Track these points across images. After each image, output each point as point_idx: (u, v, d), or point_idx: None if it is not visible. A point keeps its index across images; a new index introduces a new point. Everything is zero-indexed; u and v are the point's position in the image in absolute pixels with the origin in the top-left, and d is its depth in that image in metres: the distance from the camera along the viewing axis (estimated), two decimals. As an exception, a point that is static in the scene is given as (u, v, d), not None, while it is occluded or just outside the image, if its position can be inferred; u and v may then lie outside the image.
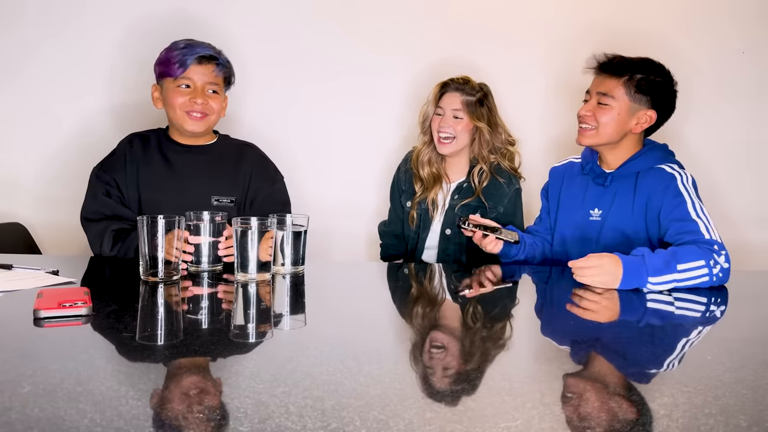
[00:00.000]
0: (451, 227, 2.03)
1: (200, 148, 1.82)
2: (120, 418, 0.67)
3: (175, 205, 1.65)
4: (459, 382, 0.84)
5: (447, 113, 2.00)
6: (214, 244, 1.49)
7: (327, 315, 1.24)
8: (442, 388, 0.81)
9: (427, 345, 1.03)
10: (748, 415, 0.72)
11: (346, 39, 2.42)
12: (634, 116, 1.65)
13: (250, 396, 0.74)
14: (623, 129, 1.67)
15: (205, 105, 1.74)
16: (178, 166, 1.79)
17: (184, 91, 1.74)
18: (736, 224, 2.35)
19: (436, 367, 0.91)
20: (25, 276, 1.36)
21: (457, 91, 2.00)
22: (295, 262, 1.48)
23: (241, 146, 1.90)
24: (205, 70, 1.74)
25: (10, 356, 0.88)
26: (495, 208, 1.99)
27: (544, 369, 0.91)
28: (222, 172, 1.81)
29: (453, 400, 0.76)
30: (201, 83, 1.74)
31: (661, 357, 0.99)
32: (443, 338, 1.08)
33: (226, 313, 1.24)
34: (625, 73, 1.64)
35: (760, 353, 1.01)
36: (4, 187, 2.44)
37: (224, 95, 1.83)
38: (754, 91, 2.35)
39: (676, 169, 1.65)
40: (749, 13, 2.34)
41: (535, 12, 2.39)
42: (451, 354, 0.99)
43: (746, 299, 1.48)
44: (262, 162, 1.87)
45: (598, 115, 1.66)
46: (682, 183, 1.61)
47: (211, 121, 1.78)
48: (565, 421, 0.71)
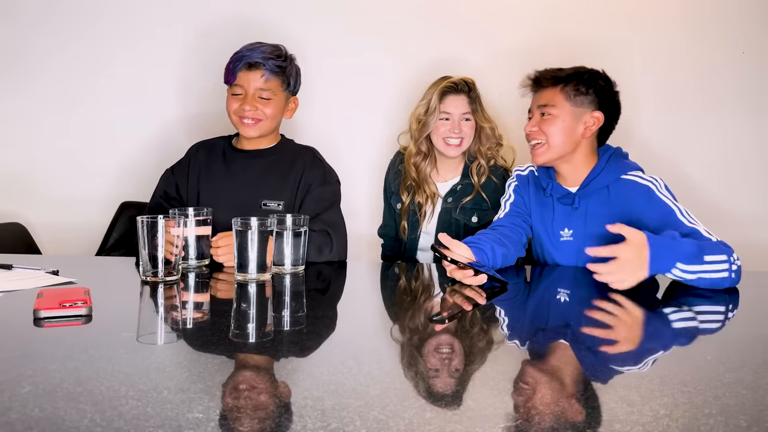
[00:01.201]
0: (447, 231, 2.02)
1: (258, 152, 1.83)
2: (120, 418, 0.67)
3: (230, 210, 1.63)
4: (459, 382, 0.84)
5: (456, 117, 1.97)
6: (198, 239, 1.51)
7: (327, 315, 1.24)
8: (442, 388, 0.81)
9: (427, 345, 1.03)
10: (748, 415, 0.72)
11: (342, 39, 2.43)
12: (581, 121, 1.62)
13: (251, 396, 0.74)
14: (573, 137, 1.63)
15: (255, 111, 1.74)
16: (235, 172, 1.80)
17: (237, 97, 1.75)
18: (740, 224, 2.36)
19: (436, 367, 0.91)
20: (25, 276, 1.36)
21: (461, 93, 1.98)
22: (295, 262, 1.48)
23: (298, 150, 1.88)
24: (253, 77, 1.74)
25: (10, 356, 0.88)
26: (490, 210, 1.99)
27: (544, 369, 0.91)
28: (274, 176, 1.80)
29: (453, 400, 0.76)
30: (251, 89, 1.74)
31: (661, 357, 0.99)
32: (443, 338, 1.08)
33: (226, 313, 1.23)
34: (560, 81, 1.63)
35: (760, 353, 1.01)
36: (5, 187, 2.44)
37: (286, 98, 1.81)
38: (754, 91, 2.36)
39: (646, 178, 1.61)
40: (749, 13, 2.34)
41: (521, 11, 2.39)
42: (451, 354, 0.99)
43: (746, 299, 1.48)
44: (314, 164, 1.85)
45: (544, 128, 1.63)
46: (660, 192, 1.57)
47: (265, 126, 1.77)
48: (565, 421, 0.71)
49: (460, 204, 2.01)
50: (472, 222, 2.01)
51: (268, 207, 1.76)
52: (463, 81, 1.99)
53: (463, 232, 2.01)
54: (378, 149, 2.44)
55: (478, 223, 1.99)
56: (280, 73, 1.76)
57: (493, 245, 1.56)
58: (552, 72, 1.66)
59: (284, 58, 1.78)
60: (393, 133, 2.40)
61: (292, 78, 1.80)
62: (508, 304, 1.36)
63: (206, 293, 1.37)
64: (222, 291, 1.39)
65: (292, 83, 1.81)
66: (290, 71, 1.80)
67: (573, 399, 0.77)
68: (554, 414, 0.72)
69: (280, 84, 1.77)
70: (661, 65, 2.35)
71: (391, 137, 2.40)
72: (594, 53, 1.93)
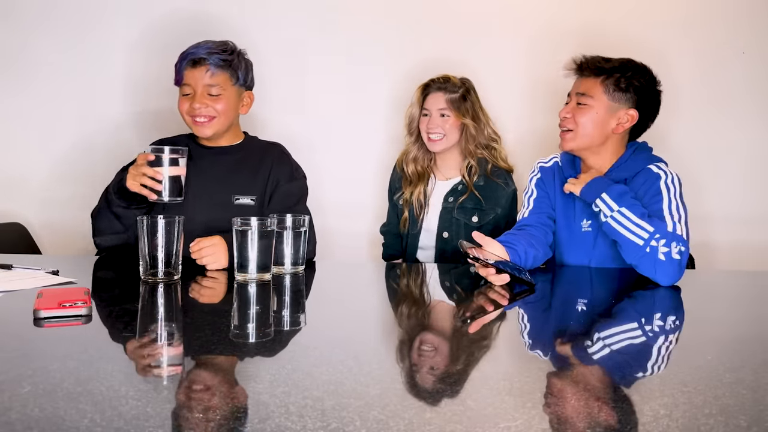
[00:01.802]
0: (448, 230, 2.03)
1: (225, 149, 1.82)
2: (120, 418, 0.67)
3: (200, 205, 1.69)
4: (459, 382, 0.84)
5: (433, 113, 2.02)
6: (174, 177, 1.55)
7: (327, 315, 1.24)
8: (442, 389, 0.81)
9: (427, 345, 1.03)
10: (748, 415, 0.72)
11: (339, 37, 2.43)
12: (615, 116, 1.62)
13: (250, 396, 0.74)
14: (604, 130, 1.63)
15: (206, 108, 1.72)
16: (202, 168, 1.79)
17: (187, 97, 1.73)
18: (737, 223, 2.36)
19: (436, 367, 0.91)
20: (25, 276, 1.36)
21: (439, 90, 2.02)
22: (295, 262, 1.48)
23: (265, 146, 1.88)
24: (199, 74, 1.71)
25: (10, 356, 0.88)
26: (493, 209, 2.00)
27: (544, 369, 0.91)
28: (244, 171, 1.80)
29: (453, 400, 0.76)
30: (199, 87, 1.72)
31: (661, 357, 0.99)
32: (443, 338, 1.08)
33: (226, 313, 1.23)
34: (602, 72, 1.62)
35: (760, 353, 1.01)
36: (6, 187, 2.44)
37: (238, 93, 1.78)
38: (755, 91, 2.35)
39: (662, 168, 1.63)
40: (749, 14, 2.34)
41: (521, 11, 2.39)
42: (452, 354, 0.99)
43: (746, 299, 1.48)
44: (282, 159, 1.85)
45: (577, 116, 1.63)
46: (665, 182, 1.59)
47: (218, 123, 1.75)
48: (565, 421, 0.71)
49: (458, 203, 2.02)
50: (472, 222, 2.01)
51: (240, 202, 1.76)
52: (442, 78, 2.03)
53: (463, 232, 2.01)
54: (380, 148, 2.45)
55: (478, 223, 2.00)
56: (226, 67, 1.73)
57: (526, 248, 1.56)
58: (597, 61, 1.64)
59: (230, 52, 1.75)
60: (395, 132, 2.41)
61: (240, 71, 1.76)
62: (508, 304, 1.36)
63: (206, 293, 1.37)
64: (222, 291, 1.39)
65: (242, 77, 1.77)
66: (237, 64, 1.75)
67: (573, 400, 0.77)
68: (554, 414, 0.72)
69: (229, 78, 1.74)
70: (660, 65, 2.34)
71: (393, 136, 2.41)
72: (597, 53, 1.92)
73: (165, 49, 1.86)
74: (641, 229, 1.48)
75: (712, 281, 1.75)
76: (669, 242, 1.44)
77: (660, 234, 1.46)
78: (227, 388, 0.79)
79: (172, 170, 1.55)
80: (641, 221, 1.49)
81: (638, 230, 1.49)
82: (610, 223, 1.53)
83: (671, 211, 1.54)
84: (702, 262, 2.06)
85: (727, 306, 1.40)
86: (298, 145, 2.40)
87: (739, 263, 2.29)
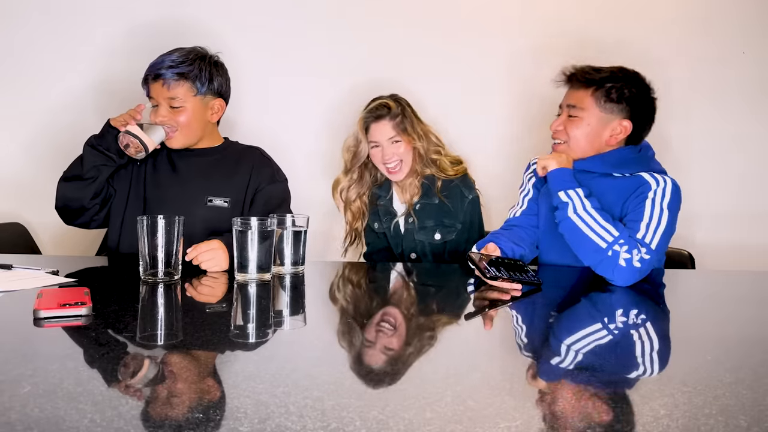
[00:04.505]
0: (414, 251, 2.01)
1: (202, 151, 1.84)
2: (120, 418, 0.67)
3: (175, 205, 1.71)
4: (460, 382, 0.84)
5: (383, 143, 1.96)
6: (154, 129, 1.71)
7: (327, 315, 1.23)
8: (442, 388, 0.81)
9: (427, 345, 1.03)
10: (748, 415, 0.72)
11: (339, 41, 2.43)
12: (608, 127, 1.59)
13: (250, 396, 0.74)
14: (597, 142, 1.60)
15: (169, 120, 1.73)
16: (180, 169, 1.82)
17: (155, 109, 1.76)
18: (737, 223, 2.36)
19: (436, 366, 0.91)
20: (25, 276, 1.36)
21: (381, 119, 1.95)
22: (295, 263, 1.48)
23: (244, 149, 1.90)
24: (159, 88, 1.73)
25: (10, 356, 0.88)
26: (453, 226, 1.97)
27: (544, 369, 0.91)
28: (220, 173, 1.81)
29: (453, 400, 0.76)
30: (162, 101, 1.74)
31: (661, 357, 0.99)
32: (443, 338, 1.08)
33: (225, 313, 1.23)
34: (593, 83, 1.58)
35: (759, 353, 1.01)
36: (4, 187, 2.44)
37: (203, 102, 1.77)
38: (755, 91, 2.35)
39: (656, 177, 1.56)
40: (749, 14, 2.34)
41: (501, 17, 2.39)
42: (452, 354, 0.99)
43: (746, 299, 1.48)
44: (262, 162, 1.87)
45: (569, 129, 1.61)
46: (654, 191, 1.53)
47: (183, 134, 1.76)
48: (565, 421, 0.71)
49: (417, 225, 1.98)
50: (435, 239, 1.98)
51: (213, 203, 1.77)
52: (378, 105, 1.96)
53: (428, 250, 2.00)
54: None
55: (441, 240, 1.98)
56: (182, 79, 1.72)
57: (513, 246, 1.56)
58: (586, 72, 1.61)
59: (190, 62, 1.73)
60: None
61: (200, 81, 1.74)
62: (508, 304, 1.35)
63: (206, 293, 1.37)
64: (222, 291, 1.39)
65: (202, 87, 1.75)
66: (195, 74, 1.74)
67: (573, 400, 0.77)
68: (554, 414, 0.72)
69: (189, 89, 1.74)
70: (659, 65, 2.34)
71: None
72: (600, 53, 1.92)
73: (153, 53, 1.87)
74: (606, 232, 1.46)
75: (712, 281, 1.75)
76: (631, 249, 1.43)
77: (624, 240, 1.44)
78: (227, 388, 0.79)
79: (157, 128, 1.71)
80: (607, 224, 1.47)
81: (603, 232, 1.47)
82: (574, 220, 1.50)
83: (651, 218, 1.50)
84: (701, 262, 2.06)
85: (727, 306, 1.39)
86: (297, 146, 2.42)
87: (739, 263, 2.29)
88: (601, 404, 0.75)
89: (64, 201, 1.76)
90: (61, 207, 1.78)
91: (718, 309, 1.36)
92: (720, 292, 1.58)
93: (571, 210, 1.51)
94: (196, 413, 0.70)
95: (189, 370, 0.85)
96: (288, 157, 2.14)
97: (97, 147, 1.73)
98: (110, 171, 1.75)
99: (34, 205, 2.40)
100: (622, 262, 1.42)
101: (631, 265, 1.41)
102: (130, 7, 2.39)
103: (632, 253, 1.42)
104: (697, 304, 1.42)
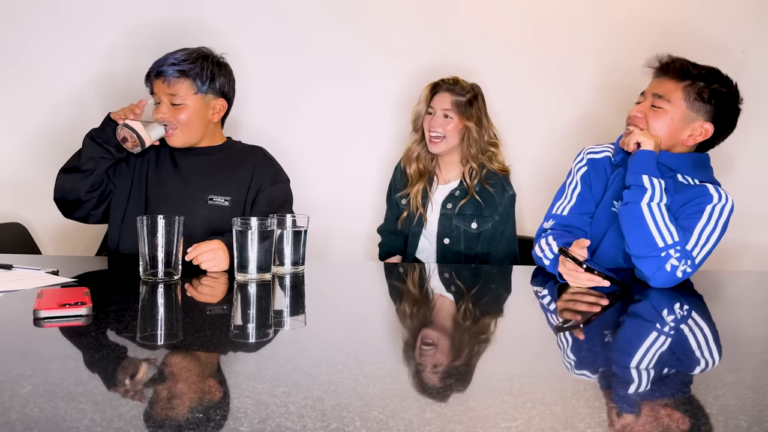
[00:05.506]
0: (449, 236, 2.03)
1: (203, 150, 1.84)
2: (120, 418, 0.67)
3: (177, 203, 1.72)
4: (459, 382, 0.84)
5: (437, 113, 2.02)
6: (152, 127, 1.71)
7: (327, 315, 1.24)
8: (442, 388, 0.81)
9: (427, 345, 1.03)
10: (748, 415, 0.72)
11: (344, 42, 2.43)
12: (689, 126, 1.52)
13: (250, 396, 0.74)
14: (674, 139, 1.53)
15: (169, 118, 1.74)
16: (182, 167, 1.82)
17: (157, 106, 1.76)
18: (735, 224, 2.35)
19: (436, 366, 0.91)
20: (25, 276, 1.35)
21: (447, 91, 2.02)
22: (295, 262, 1.48)
23: (246, 149, 1.90)
24: (161, 85, 1.75)
25: (10, 356, 0.88)
26: (491, 216, 2.00)
27: (544, 369, 0.91)
28: (222, 172, 1.81)
29: (453, 400, 0.76)
30: (163, 98, 1.75)
31: (661, 357, 0.99)
32: (443, 338, 1.08)
33: (226, 314, 1.23)
34: (687, 77, 1.52)
35: (759, 353, 1.01)
36: (4, 187, 2.44)
37: (204, 101, 1.77)
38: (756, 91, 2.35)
39: (719, 192, 1.52)
40: (749, 14, 2.34)
41: (527, 11, 2.39)
42: (452, 354, 0.99)
43: (746, 299, 1.48)
44: (264, 162, 1.87)
45: (650, 119, 1.53)
46: (713, 206, 1.48)
47: (183, 134, 1.77)
48: (565, 421, 0.71)
49: (457, 210, 2.02)
50: (471, 228, 2.01)
51: (214, 202, 1.78)
52: (451, 79, 2.03)
53: (463, 238, 2.01)
54: (383, 148, 2.45)
55: (477, 230, 2.00)
56: (183, 77, 1.73)
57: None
58: (683, 64, 1.54)
59: (192, 61, 1.74)
60: (397, 132, 2.41)
61: (201, 79, 1.74)
62: (507, 304, 1.36)
63: (206, 293, 1.37)
64: (222, 291, 1.39)
65: (202, 85, 1.75)
66: (196, 72, 1.74)
67: (573, 400, 0.77)
68: (554, 414, 0.72)
69: (190, 87, 1.74)
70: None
71: (396, 136, 2.41)
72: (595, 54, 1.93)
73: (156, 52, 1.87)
74: (669, 233, 1.42)
75: (712, 281, 1.75)
76: (682, 258, 1.41)
77: (680, 247, 1.41)
78: (227, 388, 0.79)
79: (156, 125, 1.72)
80: (671, 225, 1.43)
81: (666, 232, 1.42)
82: (644, 209, 1.43)
83: (702, 233, 1.46)
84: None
85: (727, 306, 1.40)
86: (298, 147, 2.42)
87: (739, 263, 2.29)
88: (601, 404, 0.76)
89: (61, 192, 1.78)
90: (59, 198, 1.79)
91: (718, 309, 1.37)
92: (720, 292, 1.58)
93: (648, 198, 1.44)
94: (197, 413, 0.70)
95: (189, 370, 0.85)
96: (292, 157, 2.15)
97: (97, 140, 1.73)
98: (108, 164, 1.75)
99: (34, 205, 2.41)
100: (668, 267, 1.40)
101: (674, 273, 1.40)
102: (136, 7, 2.39)
103: (680, 263, 1.40)
104: (697, 304, 1.42)
